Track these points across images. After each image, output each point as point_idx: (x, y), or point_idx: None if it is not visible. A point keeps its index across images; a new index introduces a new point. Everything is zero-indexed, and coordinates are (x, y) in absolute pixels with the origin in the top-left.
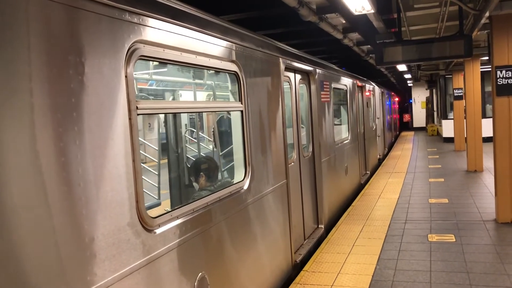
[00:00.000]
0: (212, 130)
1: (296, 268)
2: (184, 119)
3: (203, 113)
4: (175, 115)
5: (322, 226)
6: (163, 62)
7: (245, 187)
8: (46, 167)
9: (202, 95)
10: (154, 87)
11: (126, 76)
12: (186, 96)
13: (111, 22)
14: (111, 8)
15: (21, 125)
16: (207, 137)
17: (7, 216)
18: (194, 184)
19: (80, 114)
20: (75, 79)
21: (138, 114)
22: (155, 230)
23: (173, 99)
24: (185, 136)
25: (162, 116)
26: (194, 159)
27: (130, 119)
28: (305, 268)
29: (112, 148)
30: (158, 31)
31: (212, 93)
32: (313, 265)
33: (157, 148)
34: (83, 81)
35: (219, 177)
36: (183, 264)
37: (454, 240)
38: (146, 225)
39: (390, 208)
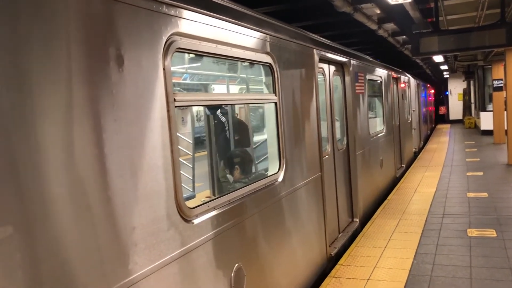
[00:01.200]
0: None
1: (331, 261)
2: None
3: (237, 105)
4: (208, 108)
5: (357, 220)
6: (199, 55)
7: (280, 179)
8: (86, 158)
9: (235, 89)
10: (188, 81)
11: (164, 69)
12: (218, 89)
13: (149, 15)
14: (149, 1)
15: (63, 116)
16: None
17: (52, 206)
18: (229, 176)
19: (119, 106)
20: (115, 71)
21: (175, 106)
22: (192, 221)
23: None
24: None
25: (195, 110)
26: (228, 152)
27: (168, 111)
28: (340, 261)
29: (151, 140)
30: (194, 23)
31: (245, 86)
32: (348, 259)
33: (191, 141)
34: (123, 73)
35: (253, 169)
36: (220, 255)
37: (495, 235)
38: (184, 215)
39: (426, 202)
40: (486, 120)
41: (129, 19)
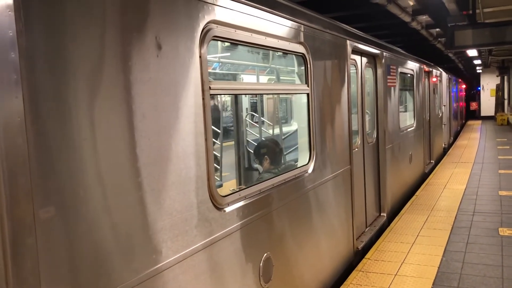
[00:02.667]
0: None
1: (358, 255)
2: (245, 103)
3: (270, 95)
4: (236, 98)
5: (385, 215)
6: (234, 43)
7: (310, 170)
8: (124, 144)
9: (264, 79)
10: (218, 70)
11: (200, 56)
12: (248, 79)
13: (187, 2)
14: None
15: (100, 102)
16: (267, 121)
17: (90, 191)
18: (258, 166)
19: (157, 92)
20: (153, 57)
21: (210, 95)
22: (224, 209)
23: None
24: (246, 120)
25: (223, 99)
26: (257, 142)
27: (203, 98)
28: (367, 256)
29: (186, 127)
30: (230, 11)
31: (274, 77)
32: (376, 253)
33: (219, 131)
34: (160, 60)
35: (283, 160)
36: (249, 244)
37: None
38: (216, 203)
39: (456, 199)
40: None
41: (168, 6)
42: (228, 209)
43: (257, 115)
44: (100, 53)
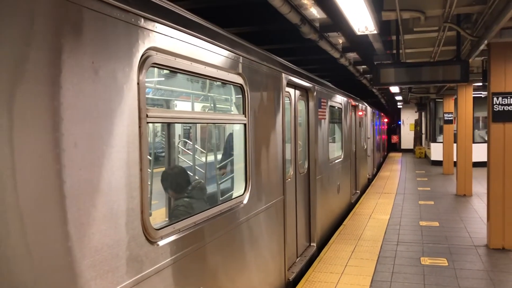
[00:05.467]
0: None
1: (289, 286)
2: (178, 129)
3: (207, 124)
4: (169, 124)
5: (314, 244)
6: (173, 71)
7: (245, 201)
8: (53, 174)
9: (198, 106)
10: (150, 95)
11: (138, 83)
12: (181, 106)
13: (127, 28)
14: (127, 13)
15: (20, 127)
16: (200, 149)
17: (7, 225)
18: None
19: (90, 119)
20: (87, 82)
21: (148, 123)
22: (158, 243)
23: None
24: (178, 146)
25: (155, 124)
26: (163, 171)
27: (140, 127)
28: (298, 287)
29: (120, 157)
30: (170, 39)
31: (209, 104)
32: (306, 284)
33: (149, 157)
34: (95, 85)
35: (200, 190)
36: (183, 278)
37: (447, 264)
38: (149, 236)
39: (381, 229)
40: (436, 151)
41: (106, 30)
42: (161, 243)
43: (190, 142)
44: (28, 76)
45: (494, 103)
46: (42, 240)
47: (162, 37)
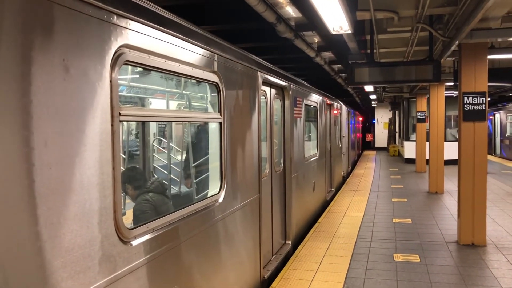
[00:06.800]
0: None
1: (264, 284)
2: (153, 127)
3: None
4: (144, 122)
5: (290, 242)
6: (147, 69)
7: (221, 200)
8: (22, 173)
9: (174, 104)
10: (124, 93)
11: (111, 81)
12: (156, 104)
13: (99, 24)
14: (100, 10)
15: None
16: (175, 147)
17: None
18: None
19: (61, 117)
20: (59, 79)
21: (120, 121)
22: (131, 242)
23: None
24: (153, 145)
25: (130, 122)
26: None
27: (112, 125)
28: (273, 284)
29: (92, 155)
30: (144, 36)
31: (184, 102)
32: (281, 282)
33: (124, 156)
34: (66, 82)
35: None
36: (158, 277)
37: (419, 260)
38: (122, 236)
39: (355, 226)
40: (409, 149)
41: (78, 27)
42: (135, 243)
43: (165, 140)
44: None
45: (465, 102)
46: (10, 240)
47: (135, 34)
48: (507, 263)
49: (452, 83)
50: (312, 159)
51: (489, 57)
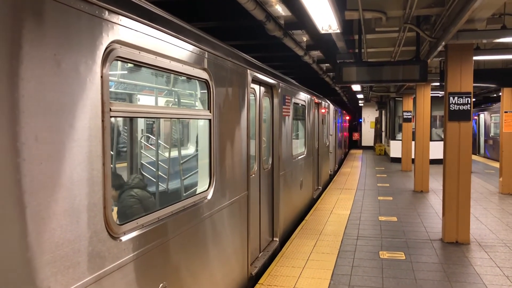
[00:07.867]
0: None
1: (252, 280)
2: (141, 124)
3: (172, 119)
4: (132, 119)
5: (277, 239)
6: (138, 65)
7: (209, 197)
8: (11, 168)
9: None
10: (112, 89)
11: (101, 77)
12: (144, 100)
13: (91, 20)
14: (91, 5)
15: None
16: (163, 144)
17: None
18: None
19: (51, 111)
20: (50, 74)
21: (111, 117)
22: (120, 238)
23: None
24: (141, 141)
25: (117, 118)
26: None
27: (103, 121)
28: (260, 281)
29: (82, 151)
30: (135, 32)
31: (172, 99)
32: (269, 279)
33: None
34: (59, 78)
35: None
36: (146, 273)
37: (404, 258)
38: (112, 232)
39: (342, 224)
40: (395, 148)
41: (69, 22)
42: (124, 238)
43: (153, 137)
44: None
45: (451, 102)
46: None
47: (126, 30)
48: (489, 261)
49: (438, 83)
50: (299, 157)
51: (475, 58)
